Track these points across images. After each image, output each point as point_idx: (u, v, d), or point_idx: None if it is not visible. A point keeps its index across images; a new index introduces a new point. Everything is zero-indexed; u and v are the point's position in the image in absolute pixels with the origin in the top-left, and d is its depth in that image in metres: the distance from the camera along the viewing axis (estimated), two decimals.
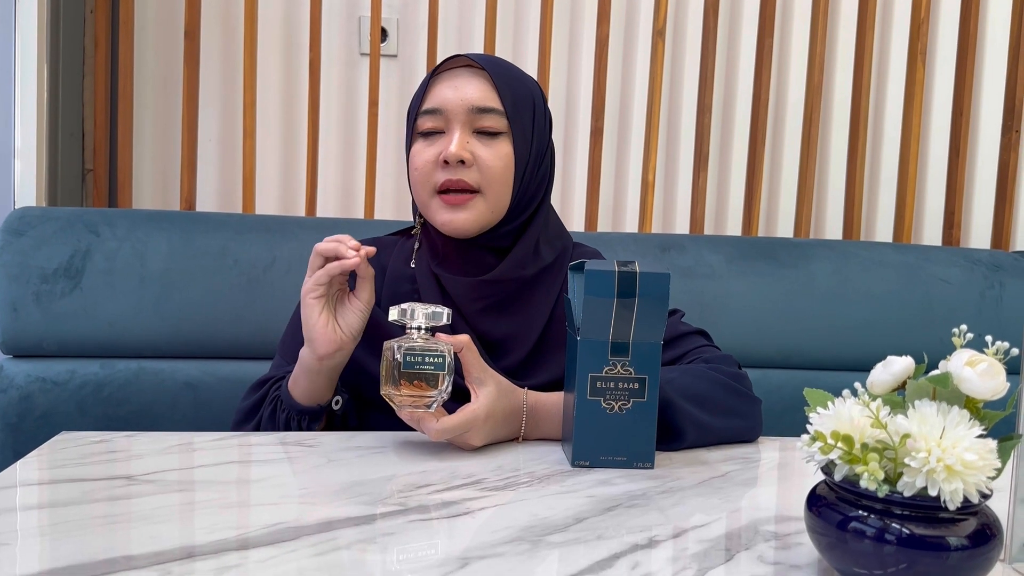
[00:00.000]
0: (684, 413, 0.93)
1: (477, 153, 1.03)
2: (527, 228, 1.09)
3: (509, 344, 1.07)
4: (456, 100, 1.03)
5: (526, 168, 1.07)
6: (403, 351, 0.85)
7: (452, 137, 1.03)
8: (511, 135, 1.05)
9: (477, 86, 1.04)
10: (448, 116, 1.03)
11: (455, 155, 1.01)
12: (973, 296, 1.62)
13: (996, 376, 0.56)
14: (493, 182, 1.03)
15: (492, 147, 1.04)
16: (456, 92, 1.03)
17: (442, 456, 0.88)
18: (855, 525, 0.56)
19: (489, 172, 1.03)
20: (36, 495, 0.74)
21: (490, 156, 1.03)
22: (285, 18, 1.84)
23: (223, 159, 1.84)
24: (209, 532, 0.65)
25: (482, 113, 1.03)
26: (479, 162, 1.03)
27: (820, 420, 0.58)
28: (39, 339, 1.37)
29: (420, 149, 1.06)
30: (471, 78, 1.04)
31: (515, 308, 1.08)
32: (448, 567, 0.60)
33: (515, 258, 1.07)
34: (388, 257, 1.14)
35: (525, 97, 1.07)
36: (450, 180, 1.02)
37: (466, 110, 1.03)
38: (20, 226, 1.39)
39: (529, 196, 1.08)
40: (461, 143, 1.02)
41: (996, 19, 2.00)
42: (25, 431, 1.35)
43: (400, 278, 1.11)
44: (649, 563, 0.62)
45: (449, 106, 1.03)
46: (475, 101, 1.03)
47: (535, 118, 1.08)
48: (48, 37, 1.60)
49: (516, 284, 1.07)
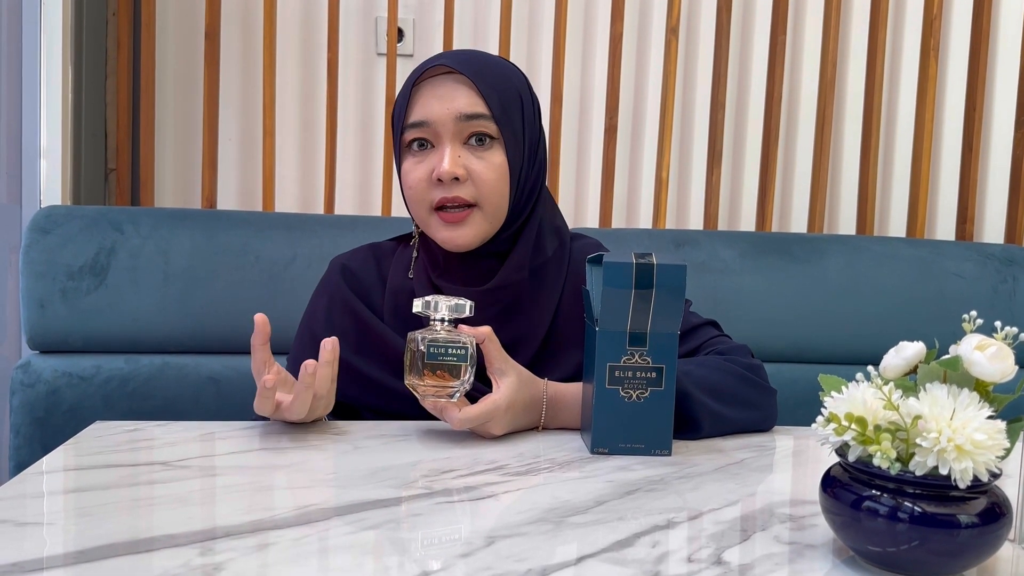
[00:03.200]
0: (701, 404, 0.95)
1: (470, 167, 1.01)
2: (524, 229, 1.08)
3: (516, 347, 1.05)
4: (442, 111, 1.00)
5: (521, 171, 1.05)
6: (427, 342, 0.87)
7: (443, 152, 1.00)
8: (502, 140, 1.03)
9: (462, 93, 1.01)
10: (436, 128, 1.01)
11: (448, 173, 0.99)
12: (986, 290, 1.63)
13: (1005, 359, 0.58)
14: (490, 195, 1.02)
15: (485, 158, 1.02)
16: (441, 103, 1.01)
17: (465, 444, 0.91)
18: (868, 504, 0.58)
19: (485, 186, 1.02)
20: (75, 479, 0.77)
21: (484, 168, 1.01)
22: (303, 19, 1.87)
23: (243, 158, 1.87)
24: (245, 512, 0.68)
25: (470, 120, 1.00)
26: (473, 176, 1.01)
27: (834, 403, 0.60)
28: (65, 335, 1.40)
29: (411, 166, 1.04)
30: (456, 85, 1.01)
31: (520, 311, 1.07)
32: (474, 544, 0.62)
33: (515, 261, 1.06)
34: (388, 267, 1.13)
35: (512, 95, 1.05)
36: (446, 198, 1.01)
37: (453, 119, 1.00)
38: (46, 224, 1.42)
39: (526, 195, 1.07)
40: (453, 159, 1.00)
41: (1009, 14, 2.01)
42: (52, 425, 1.38)
43: (400, 290, 1.09)
44: (668, 542, 0.64)
45: (435, 117, 1.00)
46: (462, 109, 1.00)
47: (524, 114, 1.06)
48: (72, 40, 1.64)
49: (519, 287, 1.06)
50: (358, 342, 1.07)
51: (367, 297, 1.11)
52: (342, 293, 1.11)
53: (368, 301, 1.11)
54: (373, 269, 1.13)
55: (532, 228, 1.08)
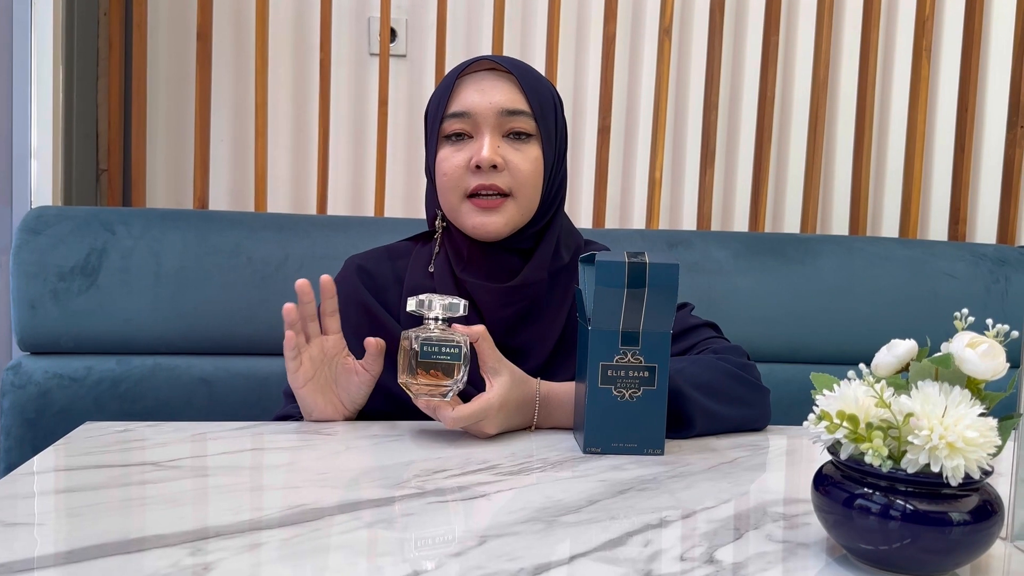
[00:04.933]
0: (693, 402, 0.95)
1: (508, 157, 1.04)
2: (548, 228, 1.10)
3: (529, 350, 1.07)
4: (484, 103, 1.04)
5: (552, 170, 1.08)
6: (420, 341, 0.87)
7: (483, 141, 1.03)
8: (539, 137, 1.06)
9: (504, 89, 1.05)
10: (476, 120, 1.04)
11: (488, 160, 1.02)
12: (979, 290, 1.64)
13: (996, 357, 0.58)
14: (524, 185, 1.05)
15: (522, 151, 1.05)
16: (483, 96, 1.04)
17: (457, 443, 0.90)
18: (860, 502, 0.58)
19: (520, 175, 1.04)
20: (66, 480, 0.77)
21: (521, 160, 1.04)
22: (296, 19, 1.87)
23: (235, 159, 1.87)
24: (235, 513, 0.67)
25: (511, 116, 1.04)
26: (510, 166, 1.04)
27: (826, 401, 0.60)
28: (56, 336, 1.39)
29: (448, 154, 1.06)
30: (497, 81, 1.05)
31: (536, 314, 1.09)
32: (467, 544, 0.62)
33: (539, 259, 1.08)
34: (404, 267, 1.13)
35: (548, 99, 1.09)
36: (482, 184, 1.03)
37: (495, 113, 1.03)
38: (37, 225, 1.41)
39: (553, 194, 1.10)
40: (492, 147, 1.03)
41: (1001, 15, 2.02)
42: (43, 427, 1.37)
43: (419, 288, 1.09)
44: (660, 541, 0.64)
45: (477, 109, 1.04)
46: (504, 104, 1.04)
47: (557, 120, 1.10)
48: (63, 40, 1.63)
49: (540, 287, 1.08)
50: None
51: (383, 297, 1.11)
52: (358, 294, 1.10)
53: (384, 301, 1.11)
54: (388, 269, 1.14)
55: (555, 230, 1.11)
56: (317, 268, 1.24)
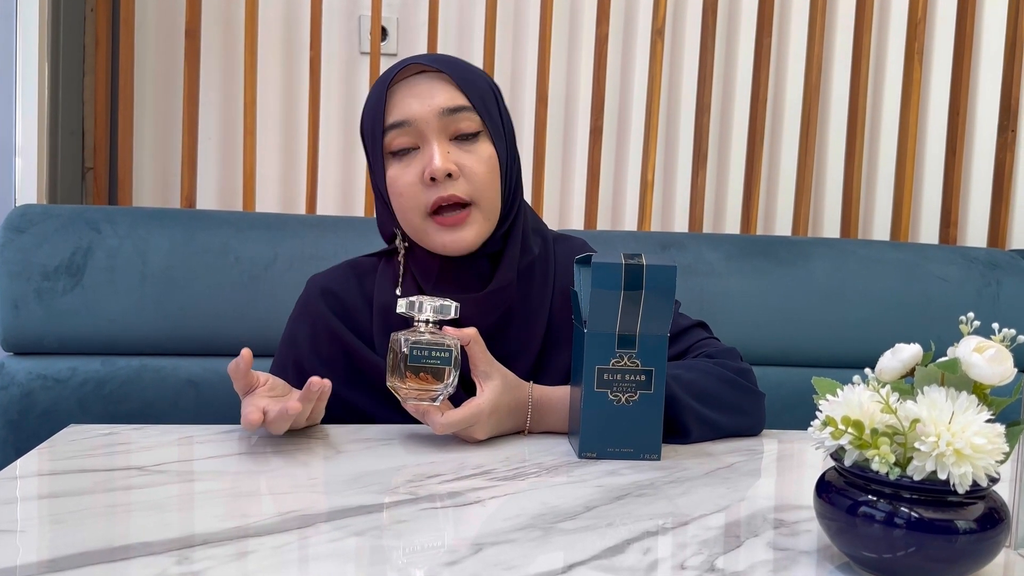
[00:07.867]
0: (690, 410, 0.94)
1: (461, 162, 0.98)
2: (514, 224, 1.06)
3: (517, 355, 1.03)
4: (423, 108, 0.97)
5: (507, 164, 1.03)
6: (410, 344, 0.85)
7: (431, 150, 0.97)
8: (488, 132, 1.00)
9: (440, 89, 0.98)
10: (419, 127, 0.97)
11: (442, 169, 0.96)
12: (970, 294, 1.63)
13: (1004, 362, 0.57)
14: (484, 190, 0.99)
15: (474, 152, 0.99)
16: (420, 100, 0.97)
17: (449, 448, 0.89)
18: (865, 510, 0.57)
19: (478, 180, 0.98)
20: (49, 485, 0.75)
21: (475, 162, 0.98)
22: (285, 17, 1.85)
23: (223, 157, 1.85)
24: (223, 519, 0.65)
25: (453, 114, 0.97)
26: (465, 172, 0.98)
27: (830, 407, 0.59)
28: (40, 336, 1.37)
29: (398, 172, 0.99)
30: (431, 82, 0.98)
31: (514, 318, 1.04)
32: (462, 552, 0.60)
33: (509, 260, 1.04)
34: (371, 284, 1.08)
35: (488, 90, 1.02)
36: (441, 197, 0.97)
37: (436, 115, 0.97)
38: (21, 223, 1.38)
39: (512, 190, 1.05)
40: (443, 155, 0.96)
41: (992, 19, 2.02)
42: (26, 428, 1.35)
43: (389, 308, 1.03)
44: (659, 549, 0.63)
45: (417, 115, 0.97)
46: (444, 103, 0.97)
47: (501, 110, 1.04)
48: (49, 36, 1.61)
49: (512, 289, 1.04)
50: (348, 373, 1.03)
51: (352, 320, 1.06)
52: (326, 320, 1.05)
53: (354, 324, 1.06)
54: (355, 289, 1.08)
55: (519, 226, 1.06)
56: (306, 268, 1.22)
